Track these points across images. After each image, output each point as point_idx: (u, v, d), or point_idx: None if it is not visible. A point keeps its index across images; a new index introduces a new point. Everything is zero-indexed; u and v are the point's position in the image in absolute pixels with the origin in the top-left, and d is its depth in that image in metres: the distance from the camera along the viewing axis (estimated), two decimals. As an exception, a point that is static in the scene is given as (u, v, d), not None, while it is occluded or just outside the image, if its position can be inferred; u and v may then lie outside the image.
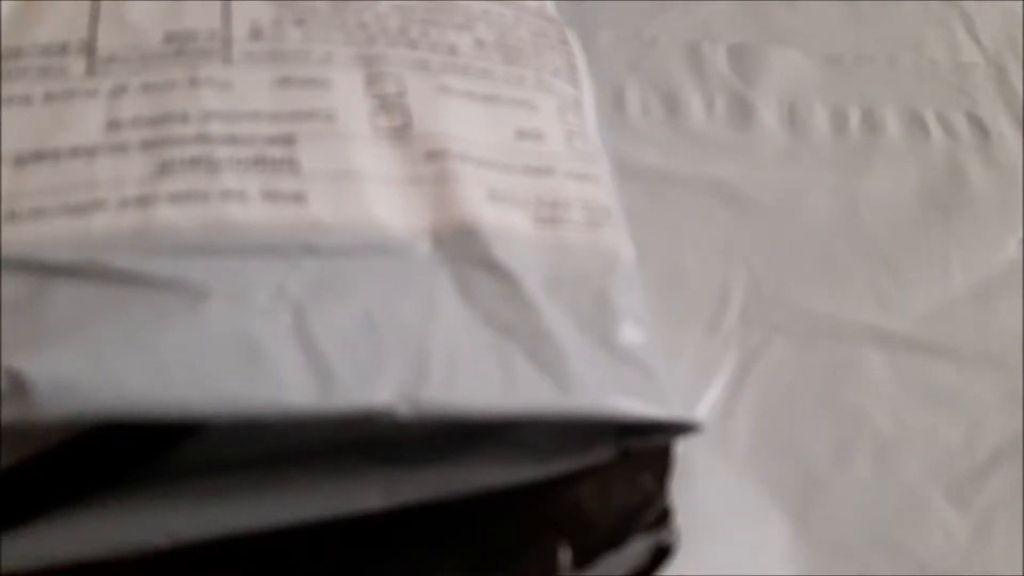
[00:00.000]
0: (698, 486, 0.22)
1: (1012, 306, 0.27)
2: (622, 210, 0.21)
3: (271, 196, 0.18)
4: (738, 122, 0.30)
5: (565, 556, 0.18)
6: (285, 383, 0.16)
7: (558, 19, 0.24)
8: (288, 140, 0.19)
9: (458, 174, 0.19)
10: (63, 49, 0.19)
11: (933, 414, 0.25)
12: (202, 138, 0.18)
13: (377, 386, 0.16)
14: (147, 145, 0.18)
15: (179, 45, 0.20)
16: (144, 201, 0.17)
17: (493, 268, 0.18)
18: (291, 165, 0.18)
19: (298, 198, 0.18)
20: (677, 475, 0.20)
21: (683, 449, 0.20)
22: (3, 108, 0.18)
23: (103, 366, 0.16)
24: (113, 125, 0.18)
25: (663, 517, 0.19)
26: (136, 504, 0.17)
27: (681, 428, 0.19)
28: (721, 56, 0.31)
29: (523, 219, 0.19)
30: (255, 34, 0.20)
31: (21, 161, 0.18)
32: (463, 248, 0.18)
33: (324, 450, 0.17)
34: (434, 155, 0.19)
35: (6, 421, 0.15)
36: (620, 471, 0.19)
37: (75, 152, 0.18)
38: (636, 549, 0.19)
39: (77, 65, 0.19)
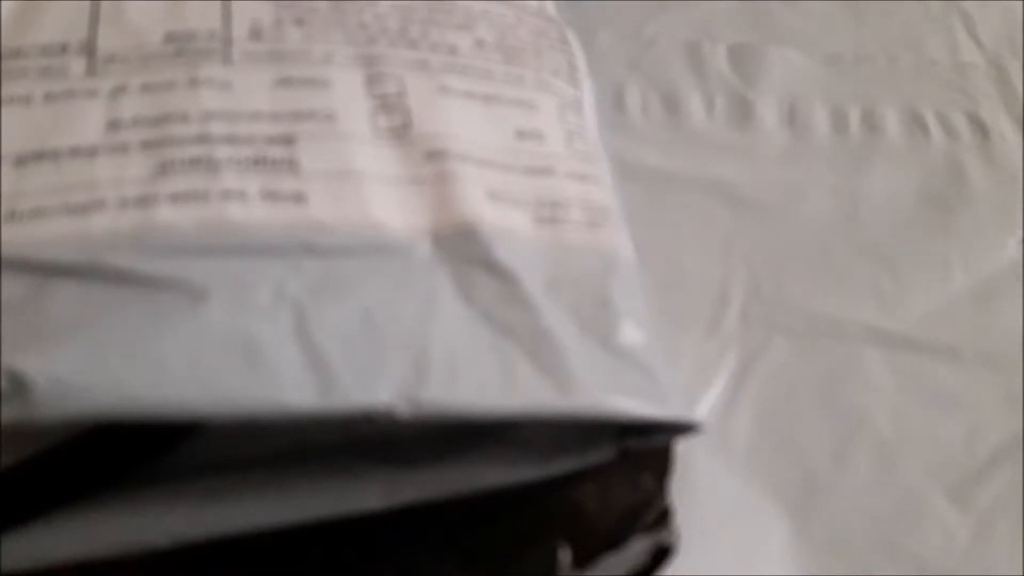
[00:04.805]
0: (698, 486, 0.22)
1: (1012, 306, 0.27)
2: (622, 210, 0.21)
3: (271, 196, 0.18)
4: (738, 122, 0.30)
5: (565, 556, 0.18)
6: (285, 383, 0.16)
7: (558, 19, 0.24)
8: (288, 140, 0.19)
9: (458, 174, 0.19)
10: (63, 49, 0.19)
11: (933, 414, 0.25)
12: (202, 138, 0.18)
13: (377, 386, 0.16)
14: (147, 145, 0.18)
15: (179, 45, 0.20)
16: (144, 201, 0.17)
17: (493, 268, 0.18)
18: (291, 165, 0.18)
19: (298, 198, 0.18)
20: (677, 475, 0.20)
21: (683, 449, 0.20)
22: (3, 108, 0.18)
23: (103, 366, 0.16)
24: (113, 125, 0.18)
25: (663, 517, 0.19)
26: (136, 504, 0.17)
27: (681, 428, 0.19)
28: (721, 56, 0.31)
29: (523, 219, 0.19)
30: (255, 34, 0.20)
31: (21, 161, 0.18)
32: (463, 248, 0.18)
33: (324, 450, 0.17)
34: (434, 155, 0.19)
35: (6, 421, 0.15)
36: (620, 471, 0.19)
37: (75, 152, 0.18)
38: (636, 549, 0.19)
39: (77, 65, 0.19)
